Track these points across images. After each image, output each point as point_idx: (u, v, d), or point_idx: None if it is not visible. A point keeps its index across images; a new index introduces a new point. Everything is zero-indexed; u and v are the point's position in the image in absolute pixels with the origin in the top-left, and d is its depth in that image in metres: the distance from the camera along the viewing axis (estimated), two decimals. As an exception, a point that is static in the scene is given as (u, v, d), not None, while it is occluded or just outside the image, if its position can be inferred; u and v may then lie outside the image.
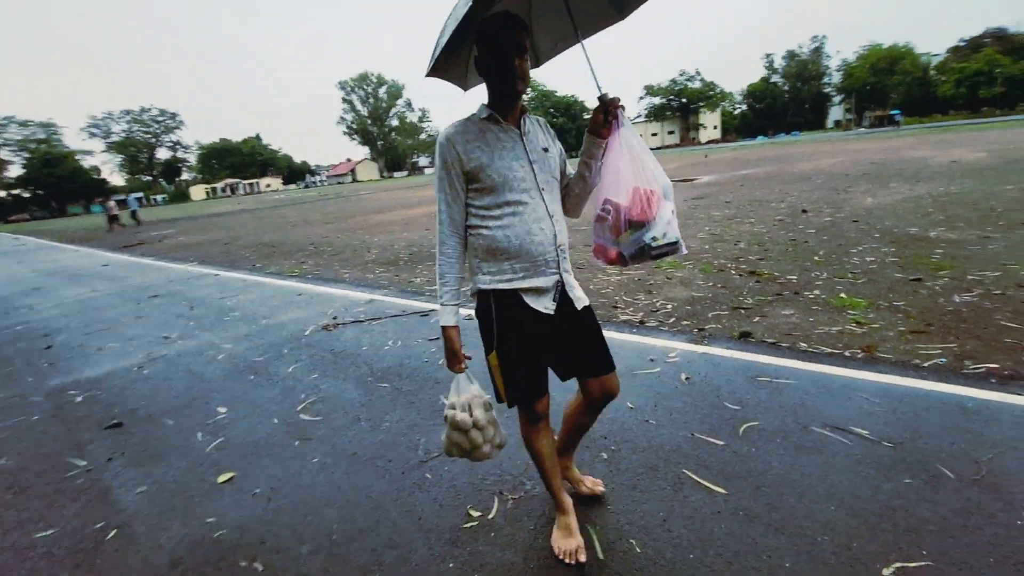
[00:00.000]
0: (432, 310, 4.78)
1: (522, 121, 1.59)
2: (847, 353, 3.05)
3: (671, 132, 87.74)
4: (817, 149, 27.05)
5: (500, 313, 1.57)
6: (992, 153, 14.20)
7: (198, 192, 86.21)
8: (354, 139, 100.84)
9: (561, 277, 1.60)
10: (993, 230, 5.63)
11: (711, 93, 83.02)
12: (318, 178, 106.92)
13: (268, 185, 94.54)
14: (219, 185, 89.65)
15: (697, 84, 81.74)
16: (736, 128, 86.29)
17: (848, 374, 2.78)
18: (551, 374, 1.69)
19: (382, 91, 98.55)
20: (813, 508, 1.83)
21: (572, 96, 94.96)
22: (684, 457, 2.18)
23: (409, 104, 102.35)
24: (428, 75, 1.56)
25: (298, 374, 3.54)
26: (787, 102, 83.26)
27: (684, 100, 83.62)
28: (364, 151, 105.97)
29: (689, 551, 1.69)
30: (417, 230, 11.24)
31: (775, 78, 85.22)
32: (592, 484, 1.99)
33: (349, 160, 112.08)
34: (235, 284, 7.19)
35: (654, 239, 1.47)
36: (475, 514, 1.98)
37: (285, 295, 6.14)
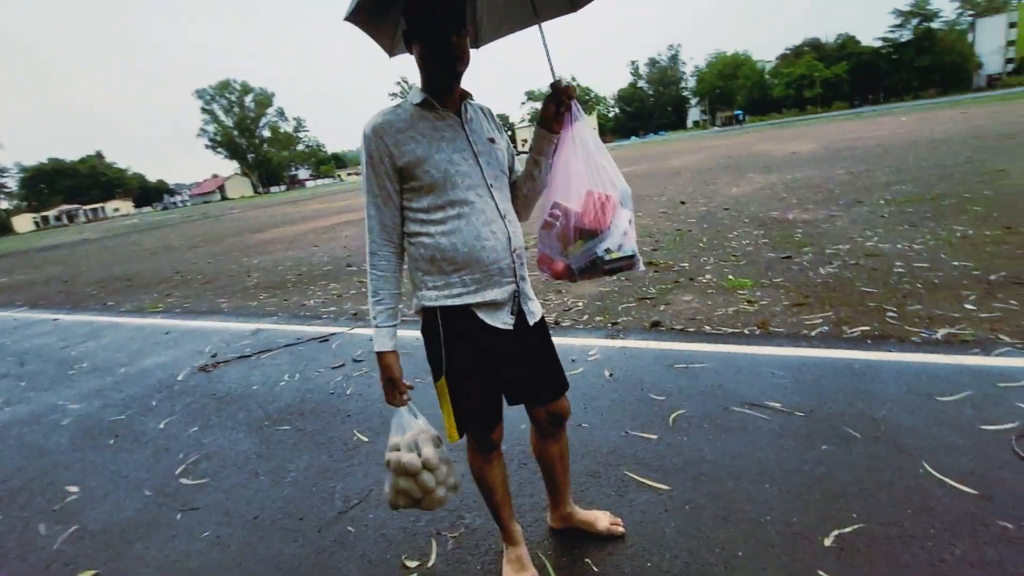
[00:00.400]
0: (333, 333, 4.35)
1: (463, 108, 1.35)
2: (746, 331, 3.26)
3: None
4: (682, 147, 29.81)
5: (449, 333, 1.35)
6: (821, 144, 16.64)
7: (24, 223, 73.06)
8: (220, 153, 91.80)
9: (518, 286, 1.38)
10: (836, 209, 6.51)
11: (587, 98, 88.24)
12: (179, 198, 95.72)
13: (116, 209, 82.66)
14: (52, 213, 76.70)
15: (575, 87, 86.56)
16: (612, 130, 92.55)
17: (751, 351, 2.95)
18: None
19: (248, 99, 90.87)
20: (750, 490, 1.85)
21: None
22: (622, 458, 2.13)
23: (281, 113, 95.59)
24: (346, 19, 1.27)
25: (173, 429, 2.98)
26: (653, 105, 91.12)
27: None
28: (233, 165, 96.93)
29: (646, 559, 1.62)
30: (303, 248, 10.40)
31: (641, 83, 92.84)
32: (611, 523, 1.71)
33: (216, 176, 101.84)
34: (80, 329, 6.03)
35: (607, 251, 1.29)
36: (412, 564, 1.74)
37: (148, 335, 5.26)
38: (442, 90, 1.31)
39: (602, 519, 1.73)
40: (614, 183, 1.32)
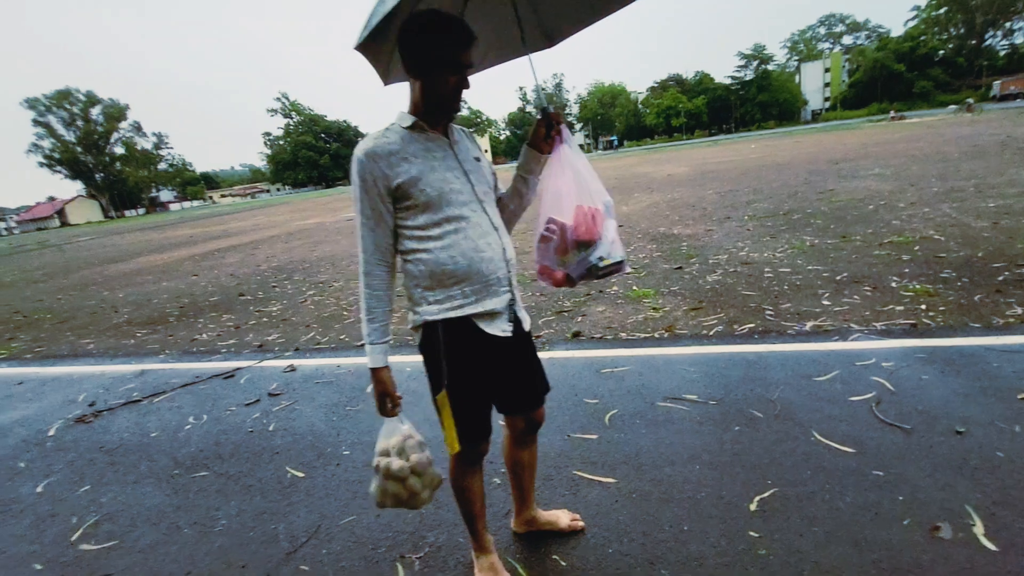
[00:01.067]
0: (238, 368, 4.00)
1: (449, 130, 1.42)
2: (656, 335, 3.60)
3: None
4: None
5: (451, 345, 1.38)
6: (691, 167, 18.74)
7: None
8: (58, 172, 79.26)
9: (513, 294, 1.45)
10: (711, 224, 7.40)
11: (478, 120, 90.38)
12: (2, 225, 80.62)
13: (-88, 241, 67.27)
14: None
15: (464, 111, 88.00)
16: (503, 152, 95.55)
17: (664, 352, 3.28)
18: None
19: (95, 111, 79.85)
20: (685, 472, 2.08)
21: (344, 121, 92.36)
22: (570, 459, 2.26)
23: (138, 128, 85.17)
24: (356, 48, 1.33)
25: (57, 492, 2.55)
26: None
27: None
28: (77, 186, 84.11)
29: (607, 547, 1.75)
30: (179, 277, 9.38)
31: (529, 108, 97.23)
32: (571, 520, 1.82)
33: (54, 199, 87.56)
34: None
35: (600, 259, 1.40)
36: (379, 592, 1.70)
37: (-7, 388, 4.41)
38: (438, 114, 1.37)
39: (563, 517, 1.83)
40: (600, 196, 1.44)
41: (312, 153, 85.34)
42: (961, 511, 1.71)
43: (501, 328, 1.43)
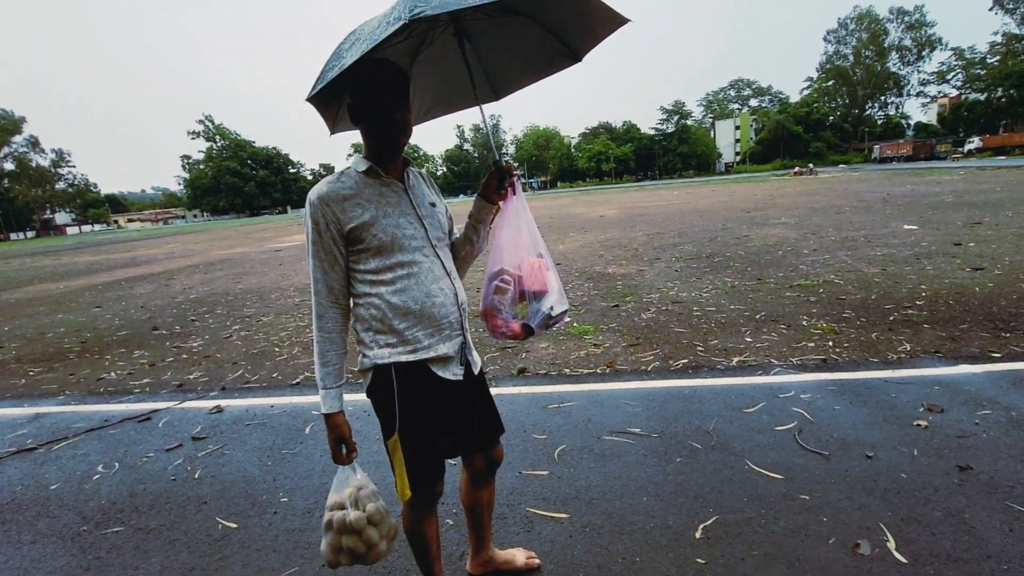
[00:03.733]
0: (155, 410, 3.66)
1: (406, 174, 1.44)
2: (598, 371, 3.73)
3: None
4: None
5: (403, 389, 1.36)
6: (622, 210, 19.83)
7: None
8: (-71, 189, 69.89)
9: (464, 338, 1.46)
10: (642, 264, 7.85)
11: (415, 155, 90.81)
12: None
13: None
14: None
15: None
16: (441, 187, 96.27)
17: (607, 387, 3.39)
18: None
19: (-17, 126, 72.04)
20: (634, 503, 2.15)
21: (273, 147, 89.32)
22: (522, 496, 2.26)
23: (35, 143, 77.55)
24: (308, 100, 1.36)
25: (-75, 559, 2.17)
26: (478, 166, 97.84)
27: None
28: (-49, 206, 74.41)
29: (563, 585, 1.76)
30: (79, 309, 8.50)
31: (467, 146, 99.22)
32: (527, 559, 1.82)
33: (-80, 219, 76.80)
34: None
35: (552, 308, 1.45)
36: (327, 648, 1.59)
37: None
38: (386, 159, 1.39)
39: (519, 556, 1.82)
40: (541, 248, 1.51)
41: (236, 179, 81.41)
42: (876, 528, 1.89)
43: (452, 372, 1.43)
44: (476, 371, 1.52)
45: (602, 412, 3.02)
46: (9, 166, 75.75)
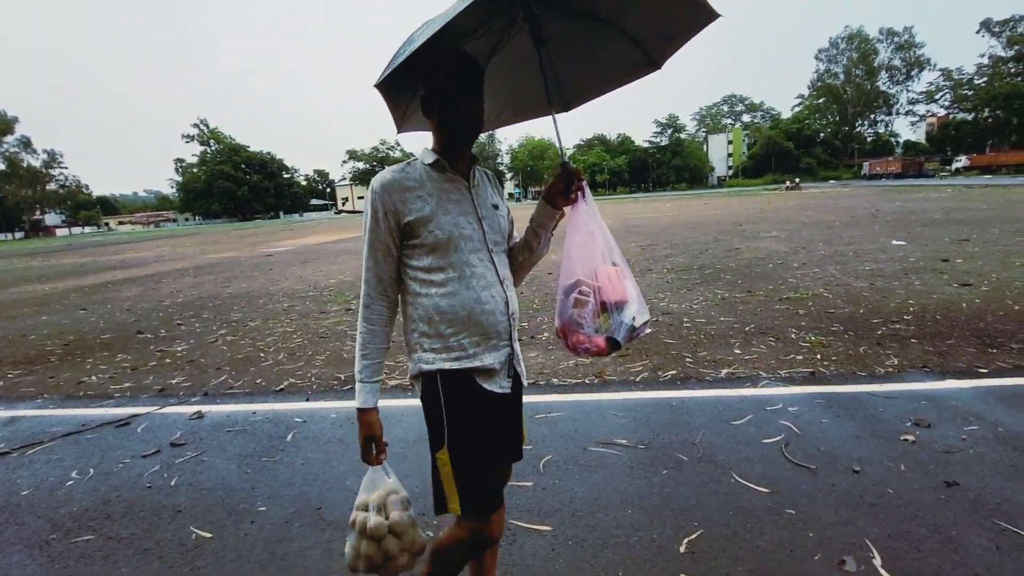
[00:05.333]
0: (135, 415, 3.58)
1: (472, 172, 1.38)
2: (587, 380, 3.71)
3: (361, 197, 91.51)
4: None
5: (450, 399, 1.29)
6: (615, 222, 19.89)
7: None
8: (-85, 187, 69.03)
9: (512, 348, 1.37)
10: (635, 275, 7.83)
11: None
12: None
13: None
14: None
15: (398, 153, 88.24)
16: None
17: (595, 397, 3.37)
18: None
19: (-27, 125, 71.42)
20: (618, 517, 2.11)
21: (268, 152, 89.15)
22: (506, 508, 2.21)
23: (26, 143, 76.87)
24: (376, 86, 1.31)
25: None
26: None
27: (386, 167, 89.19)
28: (-63, 205, 73.48)
29: (544, 600, 1.72)
30: (63, 311, 8.37)
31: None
32: None
33: (-95, 217, 75.72)
34: None
35: (634, 319, 1.34)
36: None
37: None
38: (454, 154, 1.34)
39: None
40: (616, 255, 1.39)
41: (229, 183, 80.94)
42: (862, 544, 1.87)
43: (499, 385, 1.35)
44: (524, 383, 1.45)
45: (589, 422, 2.99)
46: (1, 166, 75.04)
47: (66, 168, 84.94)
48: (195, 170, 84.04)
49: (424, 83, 1.31)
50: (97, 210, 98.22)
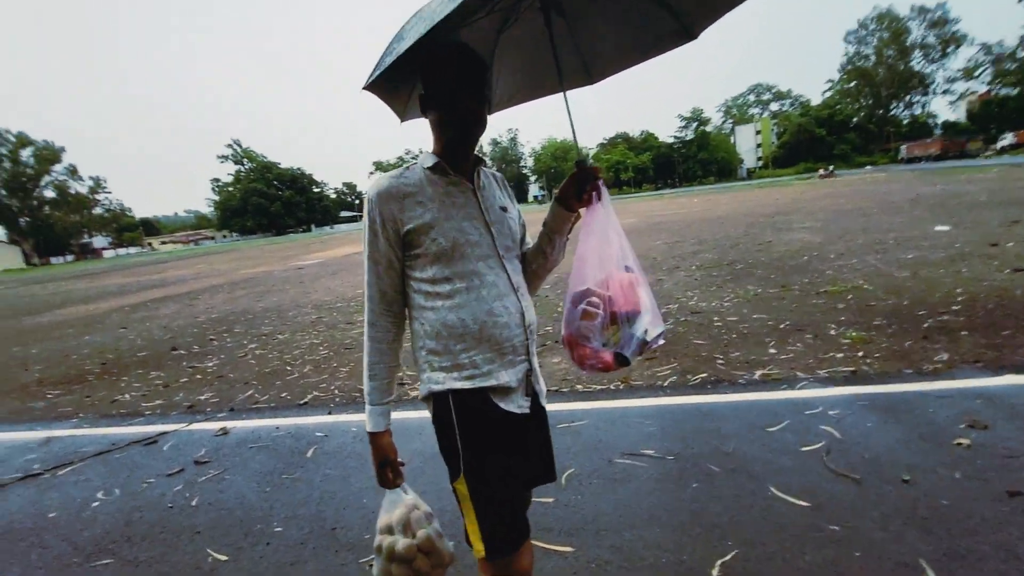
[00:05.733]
0: (163, 433, 3.64)
1: (476, 174, 1.28)
2: (612, 387, 3.57)
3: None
4: (528, 218, 32.37)
5: (463, 420, 1.19)
6: (640, 219, 19.57)
7: None
8: (-24, 217, 73.76)
9: (530, 364, 1.26)
10: (661, 274, 7.64)
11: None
12: (-94, 274, 73.27)
13: None
14: None
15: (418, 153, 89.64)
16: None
17: (620, 404, 3.23)
18: None
19: (26, 154, 75.80)
20: (645, 536, 1.98)
21: (298, 168, 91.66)
22: (525, 526, 2.12)
23: (73, 171, 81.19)
24: (365, 88, 1.25)
25: (-82, 592, 2.15)
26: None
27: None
28: (-3, 232, 78.36)
29: (565, 629, 1.61)
30: (105, 330, 8.68)
31: (486, 160, 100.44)
32: None
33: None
34: None
35: (646, 332, 1.21)
36: None
37: None
38: (456, 155, 1.24)
39: None
40: (631, 259, 1.26)
41: (263, 200, 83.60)
42: (915, 564, 1.70)
43: (518, 404, 1.23)
44: (543, 401, 1.33)
45: (614, 432, 2.86)
46: (50, 194, 79.48)
47: (110, 193, 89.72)
48: (230, 189, 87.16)
49: (421, 79, 1.23)
50: (140, 231, 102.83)
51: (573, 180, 1.25)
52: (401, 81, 1.34)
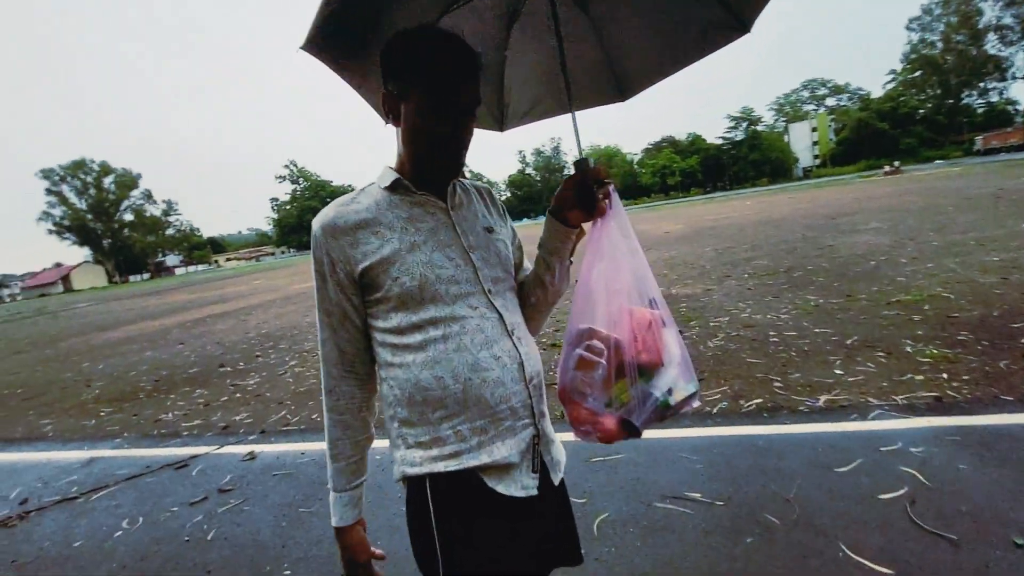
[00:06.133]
0: (194, 456, 3.63)
1: (451, 189, 1.01)
2: (653, 412, 3.26)
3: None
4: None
5: (444, 514, 0.92)
6: (688, 225, 18.87)
7: None
8: (67, 239, 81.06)
9: (538, 428, 0.98)
10: (710, 283, 7.18)
11: (478, 183, 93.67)
12: (6, 291, 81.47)
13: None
14: None
15: (467, 174, 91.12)
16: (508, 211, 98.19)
17: (662, 435, 2.91)
18: None
19: (108, 181, 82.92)
20: (689, 604, 1.69)
21: (349, 185, 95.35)
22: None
23: (148, 196, 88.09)
24: (303, 48, 1.01)
25: (-61, 627, 2.14)
26: (541, 189, 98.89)
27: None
28: (83, 252, 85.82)
29: None
30: (165, 346, 9.08)
31: (528, 170, 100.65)
32: None
33: (60, 265, 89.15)
34: None
35: (670, 392, 0.91)
36: None
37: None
38: (425, 171, 0.98)
39: None
40: (653, 292, 0.97)
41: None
42: (1045, 667, 1.33)
43: (521, 484, 0.95)
44: (557, 478, 1.03)
45: (655, 469, 2.56)
46: (128, 217, 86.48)
47: (180, 215, 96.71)
48: (288, 207, 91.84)
49: (383, 72, 0.95)
50: (208, 249, 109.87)
51: (572, 185, 0.97)
52: (359, 48, 1.07)
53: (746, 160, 79.09)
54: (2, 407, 6.20)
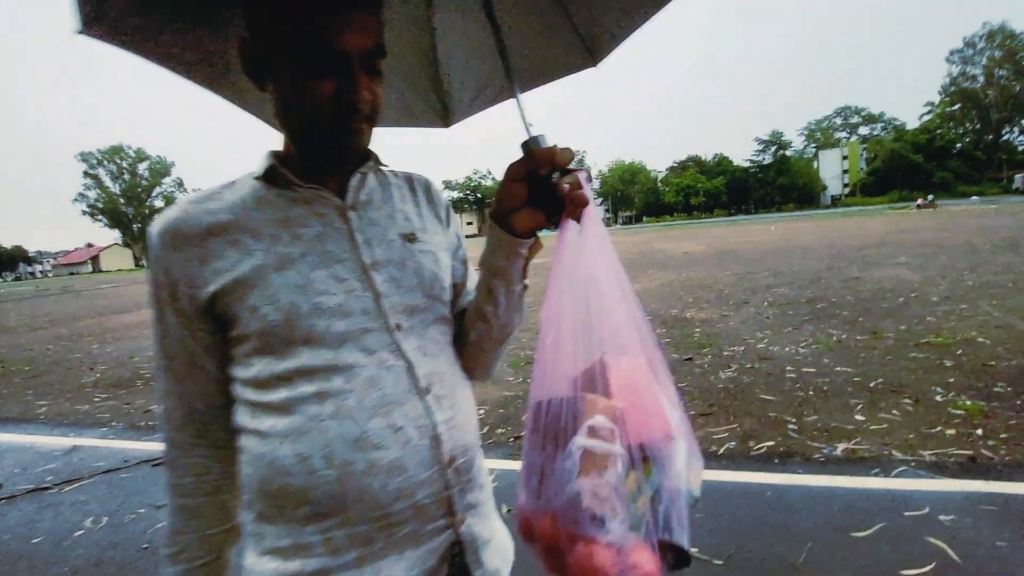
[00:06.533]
0: (173, 453, 3.51)
1: (357, 182, 0.73)
2: (655, 447, 3.04)
3: (469, 223, 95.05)
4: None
5: None
6: (709, 246, 18.49)
7: None
8: (99, 220, 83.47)
9: (459, 535, 0.69)
10: (727, 309, 6.90)
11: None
12: (39, 267, 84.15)
13: (-48, 278, 70.42)
14: None
15: (490, 182, 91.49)
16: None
17: (662, 473, 2.70)
18: None
19: (142, 167, 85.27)
20: None
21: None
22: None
23: (180, 184, 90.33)
24: (80, 32, 0.68)
25: None
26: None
27: (479, 195, 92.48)
28: (113, 235, 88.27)
29: None
30: (174, 334, 9.08)
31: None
32: None
33: (91, 245, 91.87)
34: None
35: (690, 481, 0.61)
36: None
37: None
38: (315, 155, 0.68)
39: None
40: (642, 328, 0.64)
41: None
42: None
43: None
44: None
45: (650, 512, 2.34)
46: (159, 203, 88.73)
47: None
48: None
49: (244, 13, 0.66)
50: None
51: (517, 173, 0.63)
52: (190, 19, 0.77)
53: (773, 184, 78.05)
54: (6, 384, 6.22)
